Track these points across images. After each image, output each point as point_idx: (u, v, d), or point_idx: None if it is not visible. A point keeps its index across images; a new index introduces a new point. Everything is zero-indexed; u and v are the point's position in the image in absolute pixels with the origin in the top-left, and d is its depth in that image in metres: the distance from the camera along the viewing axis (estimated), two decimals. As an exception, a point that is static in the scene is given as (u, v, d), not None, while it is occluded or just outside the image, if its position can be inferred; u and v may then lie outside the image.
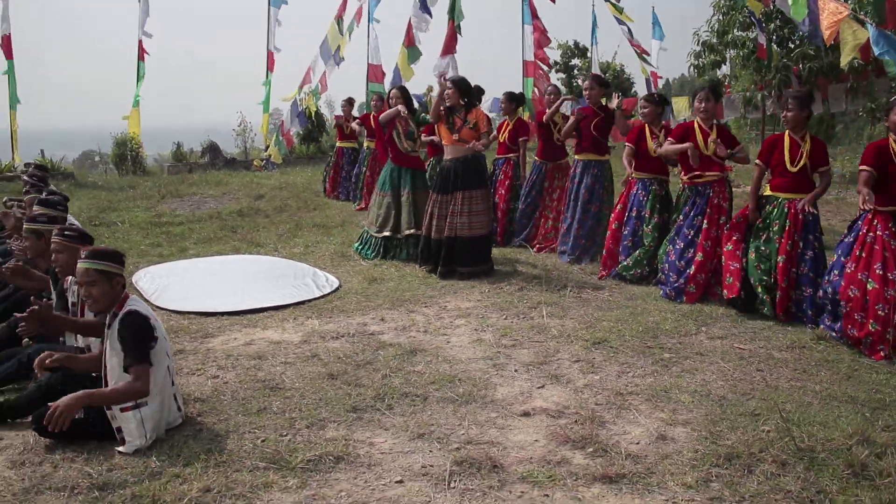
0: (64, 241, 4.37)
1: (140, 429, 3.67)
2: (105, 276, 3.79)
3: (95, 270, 3.78)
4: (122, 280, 3.89)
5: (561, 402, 4.21)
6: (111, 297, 3.80)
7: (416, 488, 3.28)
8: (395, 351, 5.00)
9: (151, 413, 3.69)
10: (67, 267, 4.42)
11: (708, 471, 3.42)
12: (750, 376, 4.60)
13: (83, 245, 4.46)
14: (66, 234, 4.43)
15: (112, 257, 3.89)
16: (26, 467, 3.56)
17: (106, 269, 3.81)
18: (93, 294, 3.77)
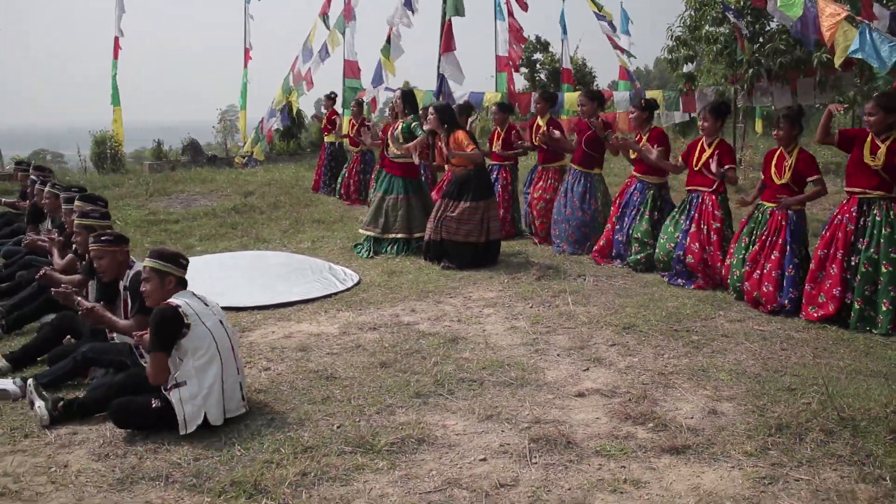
0: (103, 247, 4.50)
1: (179, 407, 3.81)
2: (158, 274, 3.99)
3: (151, 268, 3.99)
4: (173, 279, 4.01)
5: (609, 382, 4.44)
6: (162, 293, 3.98)
7: (501, 465, 3.48)
8: (437, 340, 5.17)
9: (190, 395, 3.82)
10: (110, 270, 4.54)
11: (763, 440, 3.68)
12: (776, 355, 4.90)
13: (121, 247, 4.58)
14: (102, 239, 4.54)
15: (170, 259, 4.05)
16: (111, 459, 3.66)
17: (159, 268, 4.00)
18: (146, 289, 4.01)
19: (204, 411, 3.85)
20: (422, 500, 3.18)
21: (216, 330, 3.96)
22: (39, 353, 5.04)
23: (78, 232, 5.02)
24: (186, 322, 3.84)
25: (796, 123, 5.85)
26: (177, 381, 3.85)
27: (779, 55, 13.24)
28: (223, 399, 3.92)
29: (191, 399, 3.83)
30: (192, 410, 3.83)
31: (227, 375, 3.94)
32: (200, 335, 3.89)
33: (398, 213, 7.88)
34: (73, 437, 3.91)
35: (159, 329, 3.82)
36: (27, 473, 3.52)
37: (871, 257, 5.35)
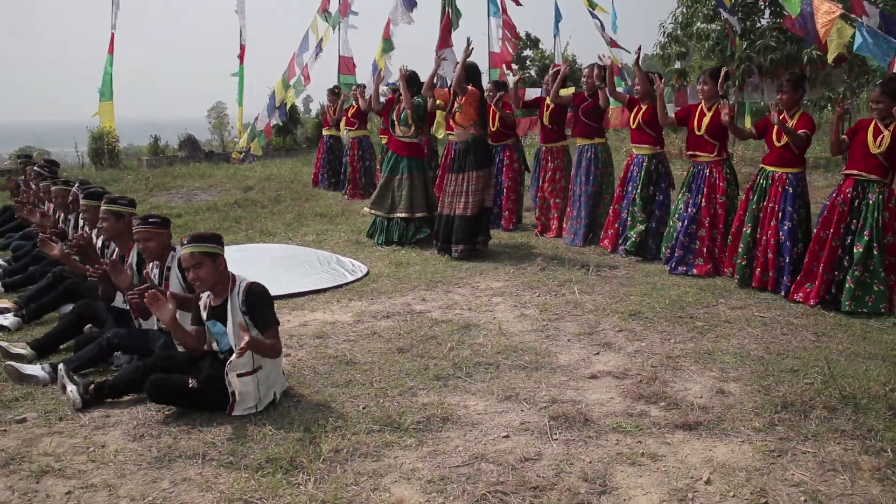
0: (150, 229, 4.59)
1: (255, 392, 3.96)
2: (210, 258, 4.05)
3: (200, 253, 4.02)
4: (224, 261, 4.13)
5: (620, 365, 4.63)
6: (217, 276, 4.05)
7: (524, 441, 3.65)
8: (450, 327, 5.34)
9: (265, 377, 3.99)
10: (155, 252, 4.64)
11: (770, 417, 3.88)
12: (777, 339, 5.10)
13: (167, 229, 4.70)
14: (150, 221, 4.64)
15: (213, 239, 4.15)
16: (146, 439, 3.80)
17: (210, 251, 4.06)
18: (200, 275, 4.01)
19: (274, 390, 4.06)
20: (451, 473, 3.35)
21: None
22: (62, 341, 5.16)
23: (105, 218, 5.11)
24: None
25: (800, 87, 6.06)
26: (254, 367, 3.95)
27: (770, 51, 13.50)
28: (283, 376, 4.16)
29: (265, 380, 4.00)
30: (265, 391, 4.01)
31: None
32: None
33: (402, 192, 8.05)
34: (107, 419, 4.05)
35: (270, 304, 4.01)
36: (67, 453, 3.66)
37: (864, 240, 5.55)
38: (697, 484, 3.27)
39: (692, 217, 6.78)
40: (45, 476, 3.45)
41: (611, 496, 3.17)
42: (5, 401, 4.30)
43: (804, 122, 5.99)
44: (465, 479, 3.29)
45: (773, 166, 6.17)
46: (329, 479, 3.30)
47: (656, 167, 7.36)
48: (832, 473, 3.33)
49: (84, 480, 3.39)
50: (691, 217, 6.78)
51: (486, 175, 7.46)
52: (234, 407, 3.97)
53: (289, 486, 3.26)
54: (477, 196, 7.34)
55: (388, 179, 8.18)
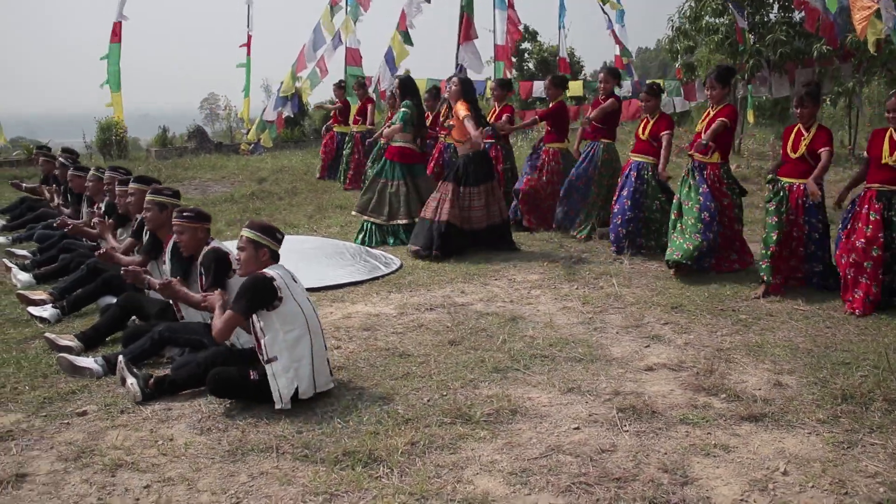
0: (184, 222, 4.62)
1: (273, 382, 3.96)
2: (253, 245, 4.09)
3: (247, 238, 4.10)
4: (267, 252, 4.13)
5: (673, 357, 4.66)
6: (256, 264, 4.10)
7: (595, 433, 3.68)
8: (497, 319, 5.36)
9: (283, 369, 3.96)
10: (190, 245, 4.66)
11: (832, 409, 3.92)
12: (822, 333, 5.14)
13: (202, 223, 4.70)
14: (184, 214, 4.66)
15: (264, 230, 4.16)
16: (214, 433, 3.80)
17: (256, 239, 4.10)
18: (241, 258, 4.12)
19: (295, 384, 3.99)
20: (531, 465, 3.37)
21: (305, 306, 4.10)
22: (108, 333, 5.16)
23: (149, 208, 5.11)
24: (279, 295, 3.97)
25: (818, 101, 5.99)
26: (268, 357, 3.98)
27: (779, 46, 13.54)
28: (313, 373, 4.05)
29: (284, 373, 3.97)
30: (285, 384, 3.97)
31: (316, 350, 4.07)
32: (292, 310, 4.01)
33: (400, 199, 7.92)
34: (169, 412, 4.04)
35: (248, 294, 3.95)
36: (136, 446, 3.65)
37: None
38: (775, 475, 3.30)
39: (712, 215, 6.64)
40: (119, 469, 3.45)
41: (693, 487, 3.20)
42: (63, 393, 4.29)
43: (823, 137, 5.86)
44: (547, 470, 3.31)
45: (790, 177, 6.03)
46: (411, 472, 3.31)
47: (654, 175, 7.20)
48: (905, 465, 3.37)
49: (160, 474, 3.39)
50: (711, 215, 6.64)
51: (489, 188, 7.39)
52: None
53: (372, 480, 3.27)
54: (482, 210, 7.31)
55: (383, 185, 7.99)
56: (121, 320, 5.21)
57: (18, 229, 8.94)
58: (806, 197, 5.92)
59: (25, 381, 4.46)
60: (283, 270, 4.15)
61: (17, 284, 6.56)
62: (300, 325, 4.03)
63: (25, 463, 3.50)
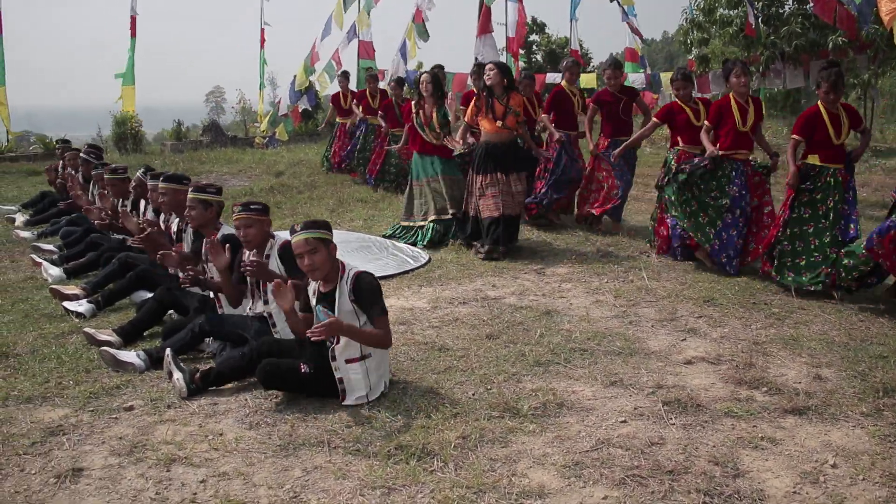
0: (252, 216, 4.59)
1: (365, 380, 3.99)
2: (324, 244, 4.03)
3: (315, 239, 4.00)
4: (335, 247, 4.13)
5: (711, 351, 4.69)
6: (331, 262, 4.06)
7: (642, 426, 3.71)
8: (532, 313, 5.39)
9: (376, 365, 4.02)
10: (256, 239, 4.64)
11: (874, 402, 3.95)
12: (856, 326, 5.17)
13: (267, 216, 4.71)
14: (252, 207, 4.64)
15: (325, 226, 4.15)
16: (263, 427, 3.83)
17: (323, 237, 4.05)
18: (316, 261, 3.98)
19: (384, 380, 4.09)
20: (583, 458, 3.40)
21: None
22: (146, 328, 5.20)
23: (193, 206, 5.12)
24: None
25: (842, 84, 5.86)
26: (362, 354, 3.99)
27: (794, 38, 13.52)
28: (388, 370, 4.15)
29: (376, 369, 4.02)
30: (376, 380, 4.02)
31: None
32: None
33: (436, 195, 7.87)
34: (215, 406, 4.08)
35: (378, 292, 4.01)
36: (187, 441, 3.69)
37: None
38: (825, 467, 3.33)
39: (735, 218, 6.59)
40: (173, 464, 3.48)
41: (745, 479, 3.23)
42: (107, 388, 4.33)
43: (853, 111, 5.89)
44: (599, 463, 3.34)
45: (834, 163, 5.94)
46: (465, 465, 3.35)
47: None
48: (954, 457, 3.40)
49: (214, 469, 3.43)
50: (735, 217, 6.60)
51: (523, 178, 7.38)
52: (344, 395, 4.00)
53: (427, 473, 3.30)
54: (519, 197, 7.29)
55: (424, 183, 7.93)
56: (158, 315, 5.25)
57: (42, 224, 8.98)
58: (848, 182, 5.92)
59: (69, 375, 4.49)
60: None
61: (48, 279, 6.59)
62: None
63: (79, 457, 3.54)
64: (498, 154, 7.15)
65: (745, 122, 6.39)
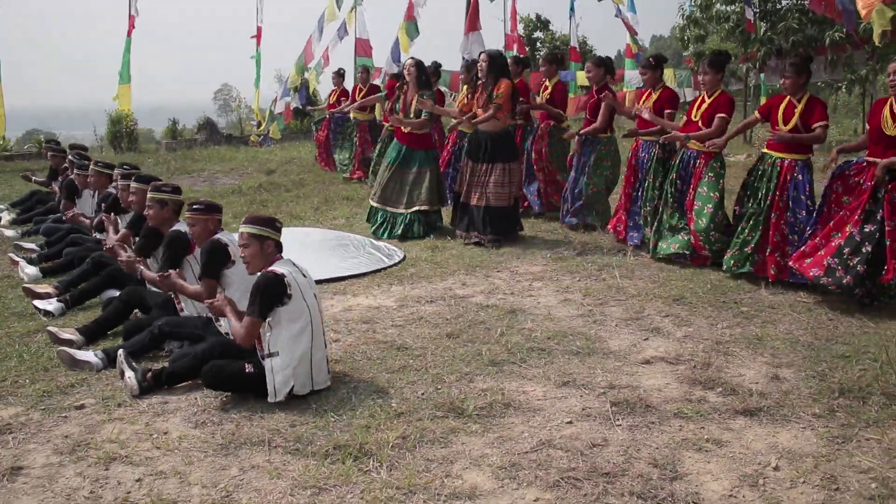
0: (195, 215, 4.64)
1: (270, 376, 3.96)
2: (257, 239, 4.08)
3: (249, 234, 4.08)
4: (272, 243, 4.13)
5: (671, 350, 4.63)
6: (263, 258, 4.09)
7: (587, 427, 3.66)
8: (497, 312, 5.35)
9: (282, 365, 3.96)
10: (202, 237, 4.69)
11: (829, 403, 3.88)
12: (825, 325, 5.10)
13: (212, 215, 4.72)
14: (195, 207, 4.68)
15: (264, 222, 4.15)
16: (208, 426, 3.82)
17: (257, 233, 4.09)
18: (246, 255, 4.11)
19: (292, 382, 4.00)
20: (521, 459, 3.36)
21: (311, 302, 4.09)
22: (110, 327, 5.19)
23: (150, 206, 5.15)
24: (289, 292, 3.97)
25: (803, 71, 5.80)
26: (270, 352, 3.98)
27: (791, 33, 13.40)
28: (311, 371, 4.06)
29: (282, 369, 3.97)
30: (281, 380, 3.97)
31: (315, 348, 4.06)
32: (299, 307, 4.01)
33: (422, 185, 7.84)
34: (165, 405, 4.07)
35: (262, 294, 3.93)
36: (131, 440, 3.68)
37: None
38: (766, 470, 3.28)
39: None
40: (113, 463, 3.47)
41: (682, 482, 3.19)
42: (62, 387, 4.33)
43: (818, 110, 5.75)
44: (536, 465, 3.31)
45: (779, 152, 5.93)
46: (400, 466, 3.32)
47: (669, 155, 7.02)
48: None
49: (152, 467, 3.42)
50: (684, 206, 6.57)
51: (511, 168, 7.42)
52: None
53: (360, 474, 3.28)
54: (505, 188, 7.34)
55: (401, 173, 7.90)
56: (123, 314, 5.25)
57: (27, 223, 9.01)
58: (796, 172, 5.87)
59: (26, 374, 4.49)
60: (291, 266, 4.15)
61: (24, 278, 6.61)
62: (305, 321, 4.03)
63: (21, 456, 3.54)
64: (484, 143, 7.28)
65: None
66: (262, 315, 3.95)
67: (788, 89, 5.83)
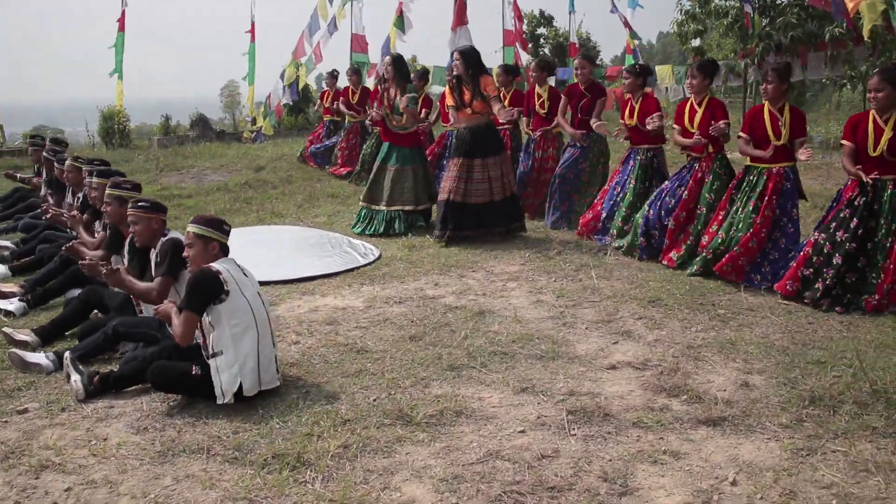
0: (139, 213, 4.50)
1: (216, 377, 3.83)
2: (202, 240, 3.99)
3: (194, 234, 4.00)
4: (216, 245, 4.01)
5: (640, 355, 4.46)
6: (206, 259, 3.99)
7: (540, 436, 3.50)
8: (464, 313, 5.19)
9: (227, 364, 3.82)
10: (144, 236, 4.55)
11: (797, 413, 3.70)
12: (803, 328, 4.92)
13: (157, 214, 4.58)
14: (139, 205, 4.55)
15: (210, 223, 4.04)
16: (150, 432, 3.69)
17: (203, 233, 4.00)
18: (189, 255, 4.03)
19: (239, 380, 3.86)
20: (465, 471, 3.21)
21: (254, 300, 3.96)
22: (68, 328, 5.06)
23: (109, 202, 5.02)
24: (225, 289, 3.84)
25: (785, 79, 5.63)
26: (213, 351, 3.86)
27: (790, 29, 13.16)
28: (258, 370, 3.91)
29: (227, 368, 3.84)
30: (228, 380, 3.84)
31: (262, 346, 3.94)
32: (238, 304, 3.88)
33: (405, 184, 7.71)
34: (110, 410, 3.94)
35: (196, 289, 3.83)
36: (68, 447, 3.55)
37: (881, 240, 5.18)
38: (723, 485, 3.11)
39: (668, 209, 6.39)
40: (44, 471, 3.35)
41: (632, 497, 3.02)
42: (7, 390, 4.21)
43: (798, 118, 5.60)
44: (480, 478, 3.15)
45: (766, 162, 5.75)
46: (338, 477, 3.17)
47: (652, 163, 6.95)
48: (865, 475, 3.16)
49: (84, 476, 3.29)
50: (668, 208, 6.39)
51: (502, 160, 7.28)
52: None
53: (295, 485, 3.13)
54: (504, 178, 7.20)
55: (384, 170, 7.78)
56: (82, 314, 5.12)
57: (7, 220, 8.91)
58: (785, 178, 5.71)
59: (-24, 377, 4.37)
60: (231, 264, 4.04)
61: (-7, 277, 6.50)
62: (247, 319, 3.90)
63: (-47, 463, 3.41)
64: (471, 139, 7.13)
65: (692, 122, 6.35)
66: (198, 311, 3.84)
67: (770, 94, 5.64)
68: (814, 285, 5.28)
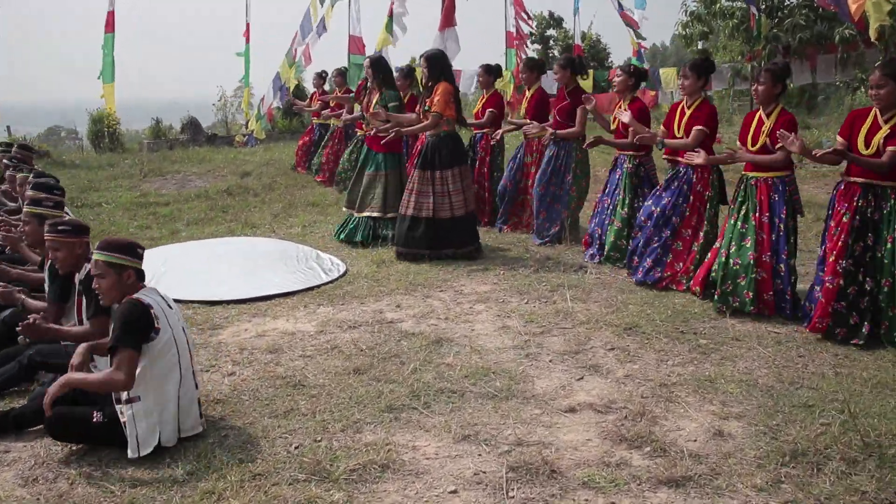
0: (59, 237, 4.02)
1: (132, 426, 3.40)
2: (114, 269, 3.52)
3: (105, 262, 3.51)
4: (132, 272, 3.57)
5: (605, 395, 4.00)
6: (121, 290, 3.53)
7: (473, 498, 3.06)
8: (420, 341, 4.75)
9: (146, 411, 3.41)
10: (66, 263, 4.08)
11: (776, 471, 3.23)
12: (793, 362, 4.43)
13: (80, 237, 4.12)
14: (59, 229, 4.07)
15: (124, 249, 3.59)
16: (40, 484, 3.29)
17: (115, 262, 3.52)
18: (101, 287, 3.54)
19: (159, 430, 3.44)
20: (377, 543, 2.77)
21: (179, 337, 3.55)
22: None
23: (27, 221, 4.59)
24: (156, 326, 3.42)
25: (779, 81, 5.14)
26: (129, 396, 3.43)
27: (798, 30, 12.62)
28: (178, 416, 3.50)
29: (146, 416, 3.42)
30: (145, 429, 3.42)
31: (184, 390, 3.53)
32: (166, 342, 3.47)
33: (376, 190, 7.31)
34: (5, 455, 3.55)
35: (130, 325, 3.36)
36: (-54, 500, 3.15)
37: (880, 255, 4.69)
38: (677, 565, 2.65)
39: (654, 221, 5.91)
40: None
41: (567, 582, 2.57)
42: None
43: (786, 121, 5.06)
44: (392, 553, 2.71)
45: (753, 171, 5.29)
46: (227, 550, 2.73)
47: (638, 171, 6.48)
48: (847, 554, 2.69)
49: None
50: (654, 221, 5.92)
51: (465, 172, 6.84)
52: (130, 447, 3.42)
53: (178, 558, 2.70)
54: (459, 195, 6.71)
55: (360, 175, 7.48)
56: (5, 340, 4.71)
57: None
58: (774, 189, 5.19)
59: None
60: (157, 296, 3.61)
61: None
62: (172, 360, 3.49)
63: None
64: (430, 149, 6.74)
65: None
66: (137, 346, 3.38)
67: (759, 96, 5.15)
68: (848, 320, 4.74)
